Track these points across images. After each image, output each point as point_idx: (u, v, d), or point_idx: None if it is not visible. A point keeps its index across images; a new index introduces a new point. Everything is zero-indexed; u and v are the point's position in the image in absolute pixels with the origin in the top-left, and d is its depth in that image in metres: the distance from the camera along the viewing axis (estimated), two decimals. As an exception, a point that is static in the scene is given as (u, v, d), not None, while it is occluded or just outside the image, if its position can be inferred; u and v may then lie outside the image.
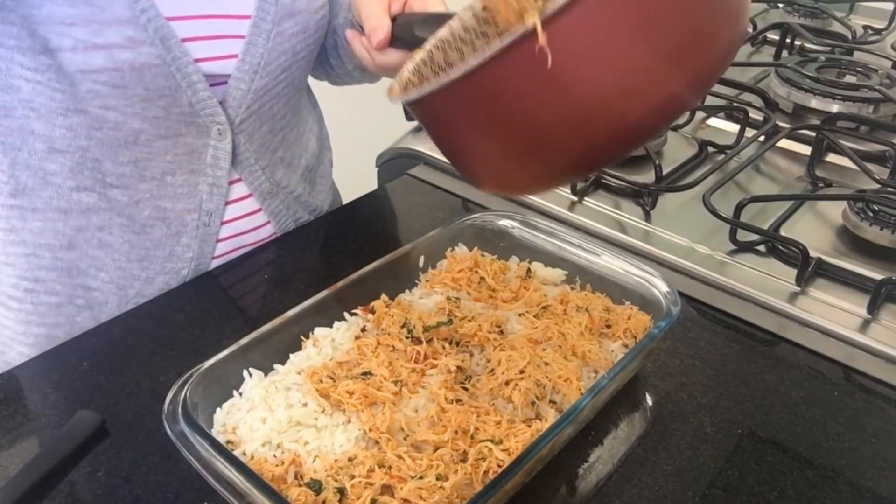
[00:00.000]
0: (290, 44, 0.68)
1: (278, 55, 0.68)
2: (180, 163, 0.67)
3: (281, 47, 0.67)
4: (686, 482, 0.51)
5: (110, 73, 0.59)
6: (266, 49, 0.66)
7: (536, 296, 0.61)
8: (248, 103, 0.68)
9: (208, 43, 0.64)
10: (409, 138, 0.93)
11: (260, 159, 0.72)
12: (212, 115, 0.66)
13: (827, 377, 0.61)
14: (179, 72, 0.61)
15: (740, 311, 0.66)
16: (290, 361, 0.55)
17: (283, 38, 0.67)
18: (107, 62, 0.58)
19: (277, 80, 0.69)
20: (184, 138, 0.66)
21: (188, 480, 0.50)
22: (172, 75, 0.61)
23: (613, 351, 0.57)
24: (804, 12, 1.30)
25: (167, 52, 0.60)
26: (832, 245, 0.72)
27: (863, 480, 0.52)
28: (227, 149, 0.68)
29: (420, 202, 0.84)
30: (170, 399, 0.48)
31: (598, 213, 0.78)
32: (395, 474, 0.45)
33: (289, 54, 0.69)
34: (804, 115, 0.95)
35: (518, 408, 0.51)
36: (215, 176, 0.69)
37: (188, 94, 0.63)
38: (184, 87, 0.62)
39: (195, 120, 0.65)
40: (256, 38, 0.66)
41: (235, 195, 0.73)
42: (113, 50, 0.58)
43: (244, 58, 0.66)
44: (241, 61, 0.66)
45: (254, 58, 0.66)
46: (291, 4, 0.67)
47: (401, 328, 0.55)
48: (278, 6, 0.66)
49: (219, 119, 0.66)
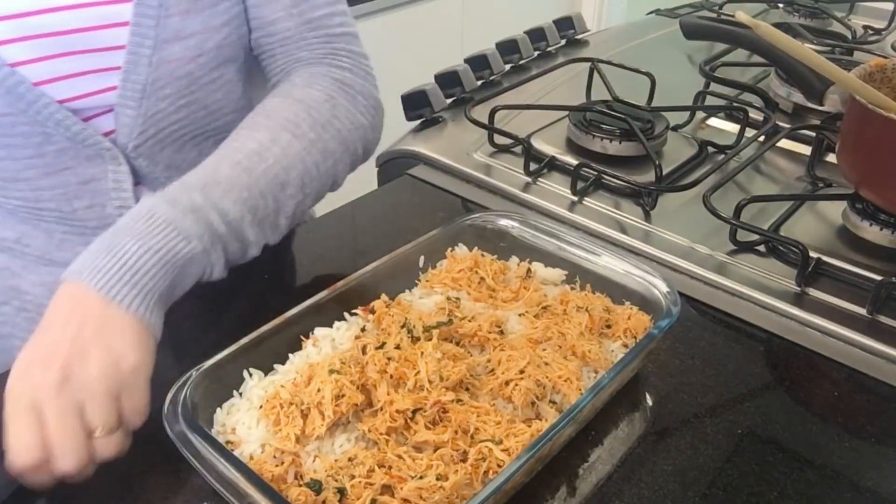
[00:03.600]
0: (186, 69, 0.64)
1: (168, 80, 0.64)
2: (78, 192, 0.66)
3: (171, 73, 0.64)
4: (686, 482, 0.51)
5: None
6: (149, 75, 0.63)
7: (536, 296, 0.61)
8: (141, 129, 0.65)
9: (72, 81, 0.61)
10: (409, 138, 0.93)
11: (172, 177, 0.67)
12: (96, 145, 0.63)
13: (827, 377, 0.61)
14: (40, 115, 0.59)
15: (740, 311, 0.66)
16: (290, 361, 0.55)
17: (170, 63, 0.63)
18: None
19: (177, 106, 0.66)
20: (75, 169, 0.64)
21: (188, 480, 0.50)
22: (34, 119, 0.59)
23: (613, 351, 0.57)
24: (804, 12, 1.30)
25: (18, 100, 0.57)
26: (832, 245, 0.72)
27: (863, 480, 0.52)
28: (126, 171, 0.66)
29: (420, 202, 0.84)
30: (170, 399, 0.48)
31: (598, 213, 0.78)
32: (395, 474, 0.45)
33: (184, 79, 0.65)
34: (804, 115, 0.95)
35: (518, 408, 0.51)
36: (121, 198, 0.68)
37: (60, 132, 0.61)
38: (51, 126, 0.60)
39: (81, 151, 0.63)
40: (134, 66, 0.62)
41: None
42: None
43: (125, 86, 0.62)
44: (122, 90, 0.63)
45: (135, 85, 0.63)
46: (179, 26, 0.62)
47: (401, 328, 0.55)
48: (159, 29, 0.61)
49: (105, 146, 0.64)
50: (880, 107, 0.66)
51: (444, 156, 0.88)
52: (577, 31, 1.23)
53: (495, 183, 0.83)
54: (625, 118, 0.84)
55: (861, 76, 0.70)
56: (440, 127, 0.95)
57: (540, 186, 0.82)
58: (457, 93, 1.00)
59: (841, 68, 0.68)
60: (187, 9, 0.62)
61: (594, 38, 1.26)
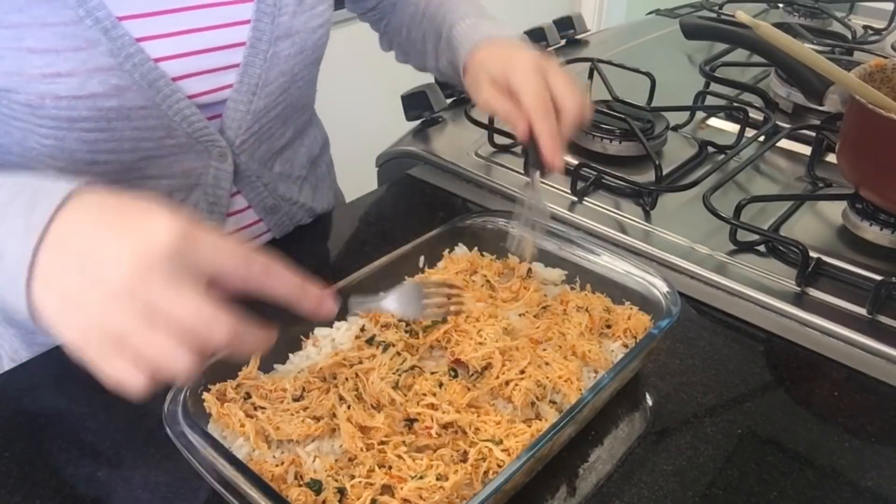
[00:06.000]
0: (288, 65, 0.67)
1: (276, 76, 0.66)
2: (177, 184, 0.66)
3: (279, 68, 0.66)
4: (686, 482, 0.51)
5: (95, 121, 0.57)
6: (263, 70, 0.65)
7: (536, 296, 0.61)
8: (248, 125, 0.67)
9: (202, 77, 0.62)
10: (409, 138, 0.93)
11: (262, 176, 0.72)
12: (210, 141, 0.65)
13: (827, 377, 0.61)
14: (171, 109, 0.60)
15: (740, 311, 0.66)
16: (290, 361, 0.55)
17: (279, 59, 0.66)
18: (90, 112, 0.57)
19: (277, 101, 0.68)
20: (181, 163, 0.65)
21: (188, 480, 0.50)
22: (164, 114, 0.60)
23: (613, 351, 0.57)
24: (804, 12, 1.30)
25: (156, 94, 0.59)
26: (832, 245, 0.72)
27: (863, 480, 0.52)
28: (229, 169, 0.68)
29: (420, 202, 0.84)
30: (170, 399, 0.48)
31: (598, 213, 0.78)
32: (395, 474, 0.45)
33: (287, 75, 0.68)
34: (804, 115, 0.95)
35: (518, 408, 0.51)
36: (216, 195, 0.69)
37: (183, 127, 0.62)
38: (178, 121, 0.61)
39: (193, 146, 0.64)
40: (253, 59, 0.64)
41: (235, 207, 0.72)
42: (97, 99, 0.56)
43: (241, 81, 0.64)
44: (238, 85, 0.65)
45: (251, 79, 0.65)
46: (289, 24, 0.66)
47: (398, 321, 0.55)
48: (275, 25, 0.65)
49: (218, 143, 0.66)
50: (880, 107, 0.66)
51: (444, 156, 0.88)
52: (577, 31, 1.23)
53: (495, 183, 0.83)
54: (625, 118, 0.84)
55: (861, 76, 0.70)
56: (440, 127, 0.95)
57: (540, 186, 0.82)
58: (457, 93, 1.00)
59: (841, 68, 0.68)
60: (294, 10, 0.66)
61: (594, 38, 1.26)
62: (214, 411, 0.49)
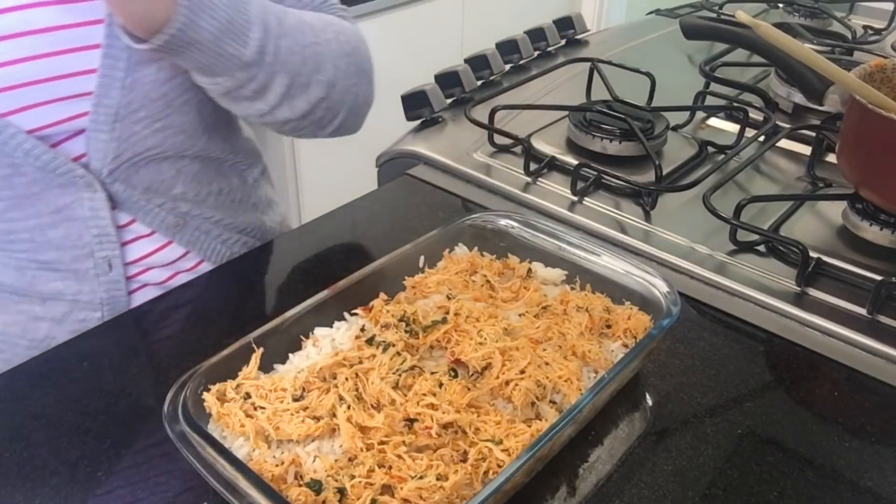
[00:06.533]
0: (160, 91, 0.63)
1: (144, 103, 0.62)
2: (52, 221, 0.64)
3: (146, 96, 0.62)
4: (686, 482, 0.51)
5: None
6: (123, 99, 0.61)
7: (536, 296, 0.61)
8: (115, 153, 0.63)
9: (46, 108, 0.59)
10: (409, 138, 0.93)
11: (153, 199, 0.68)
12: (68, 172, 0.62)
13: (827, 377, 0.61)
14: (7, 145, 0.57)
15: (740, 311, 0.66)
16: (290, 361, 0.55)
17: (144, 85, 0.61)
18: None
19: (153, 129, 0.64)
20: (47, 199, 0.62)
21: (188, 480, 0.50)
22: (0, 151, 0.57)
23: (613, 351, 0.57)
24: (804, 12, 1.30)
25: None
26: (832, 245, 0.72)
27: (863, 480, 0.52)
28: (102, 197, 0.65)
29: (420, 202, 0.84)
30: (170, 399, 0.48)
31: (598, 213, 0.78)
32: (395, 474, 0.45)
33: (159, 102, 0.63)
34: (804, 115, 0.95)
35: (518, 408, 0.51)
36: (99, 226, 0.65)
37: (29, 162, 0.59)
38: (20, 157, 0.58)
39: (54, 180, 0.61)
40: (107, 89, 0.60)
41: (135, 234, 0.69)
42: None
43: (96, 110, 0.60)
44: (94, 115, 0.60)
45: (108, 109, 0.61)
46: None
47: (398, 321, 0.56)
48: (131, 51, 0.59)
49: (78, 173, 0.62)
50: (880, 107, 0.66)
51: (443, 156, 0.88)
52: (577, 31, 1.23)
53: (495, 183, 0.83)
54: (625, 118, 0.84)
55: (861, 76, 0.70)
56: (440, 127, 0.95)
57: (540, 186, 0.82)
58: (457, 93, 1.00)
59: (841, 68, 0.68)
60: None
61: (594, 38, 1.26)
62: (214, 411, 0.49)
